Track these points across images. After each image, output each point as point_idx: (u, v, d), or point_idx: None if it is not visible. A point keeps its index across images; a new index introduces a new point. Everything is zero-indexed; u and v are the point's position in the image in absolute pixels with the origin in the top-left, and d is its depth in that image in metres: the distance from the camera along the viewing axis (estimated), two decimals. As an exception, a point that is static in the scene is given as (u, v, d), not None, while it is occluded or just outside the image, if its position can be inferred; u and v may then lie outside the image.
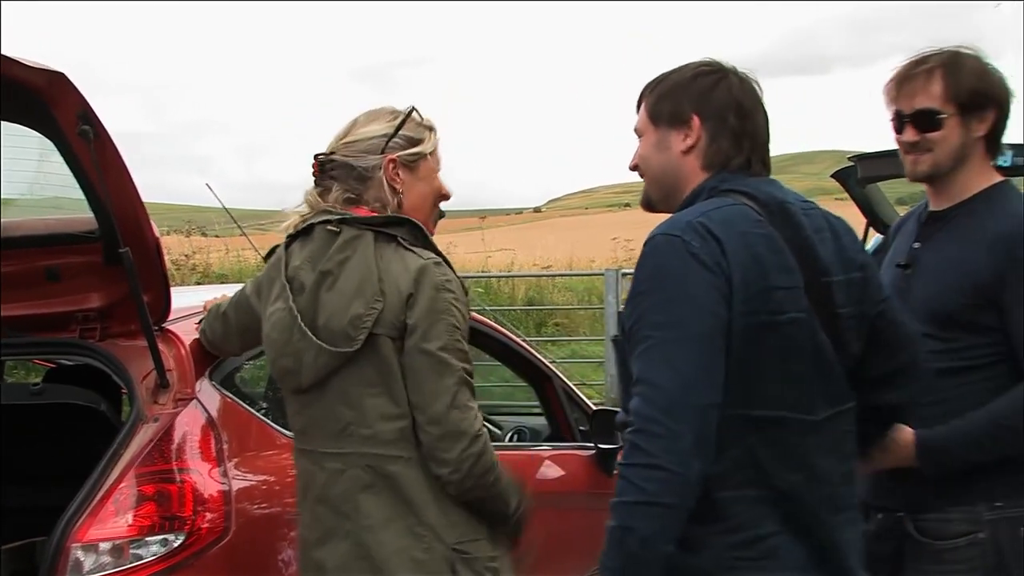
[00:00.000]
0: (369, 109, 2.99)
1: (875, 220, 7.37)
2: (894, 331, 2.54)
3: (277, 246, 2.98)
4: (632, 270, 2.44)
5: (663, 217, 2.50)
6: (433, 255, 2.84)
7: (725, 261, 2.26)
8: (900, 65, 2.91)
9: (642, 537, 2.18)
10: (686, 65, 2.59)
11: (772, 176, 2.60)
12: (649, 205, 2.64)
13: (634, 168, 2.64)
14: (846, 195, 7.09)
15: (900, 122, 2.91)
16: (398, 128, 2.91)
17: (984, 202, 2.86)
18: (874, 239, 7.67)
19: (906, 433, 2.78)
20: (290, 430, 2.98)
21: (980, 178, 2.90)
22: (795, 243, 2.36)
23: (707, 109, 2.50)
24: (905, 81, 2.88)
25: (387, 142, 2.89)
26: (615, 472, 3.54)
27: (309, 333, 2.77)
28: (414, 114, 2.96)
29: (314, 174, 2.94)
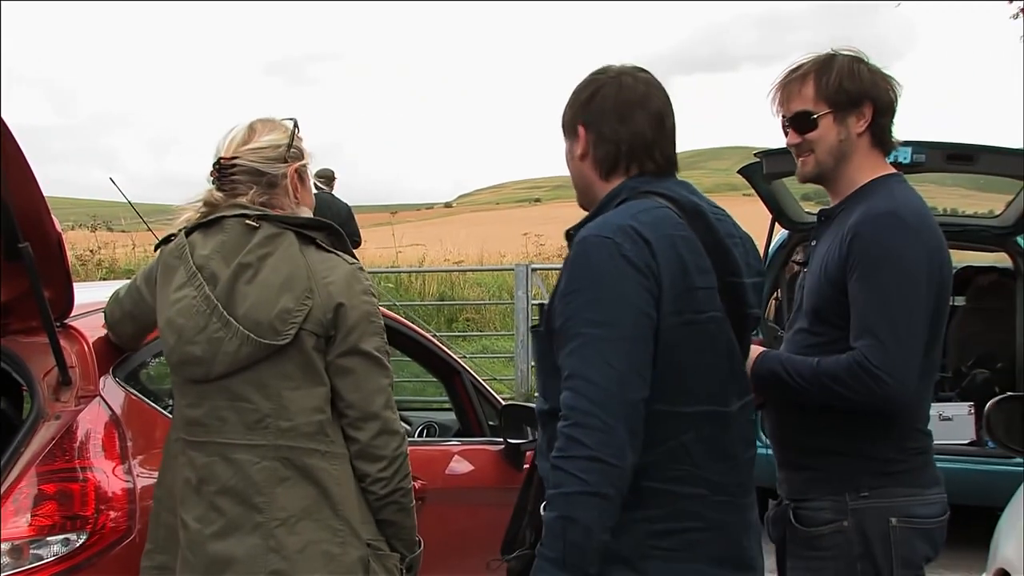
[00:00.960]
0: (259, 118, 3.02)
1: (781, 215, 7.50)
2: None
3: (171, 235, 2.98)
4: (542, 265, 2.53)
5: (571, 213, 2.58)
6: (355, 260, 2.93)
7: (655, 263, 2.37)
8: (781, 74, 3.04)
9: (584, 526, 2.28)
10: (592, 74, 2.70)
11: (681, 171, 2.70)
12: (581, 207, 2.72)
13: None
14: (753, 191, 7.18)
15: (784, 127, 3.03)
16: (291, 139, 2.97)
17: (860, 197, 2.94)
18: (779, 234, 7.79)
19: (755, 347, 2.93)
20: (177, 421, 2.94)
21: (865, 173, 2.98)
22: (710, 245, 2.49)
23: (588, 118, 2.62)
24: (784, 88, 3.01)
25: (288, 151, 2.96)
26: (525, 466, 3.55)
27: (233, 322, 2.77)
28: (296, 128, 3.02)
29: (213, 178, 2.95)
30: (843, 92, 2.91)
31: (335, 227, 2.97)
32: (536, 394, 2.70)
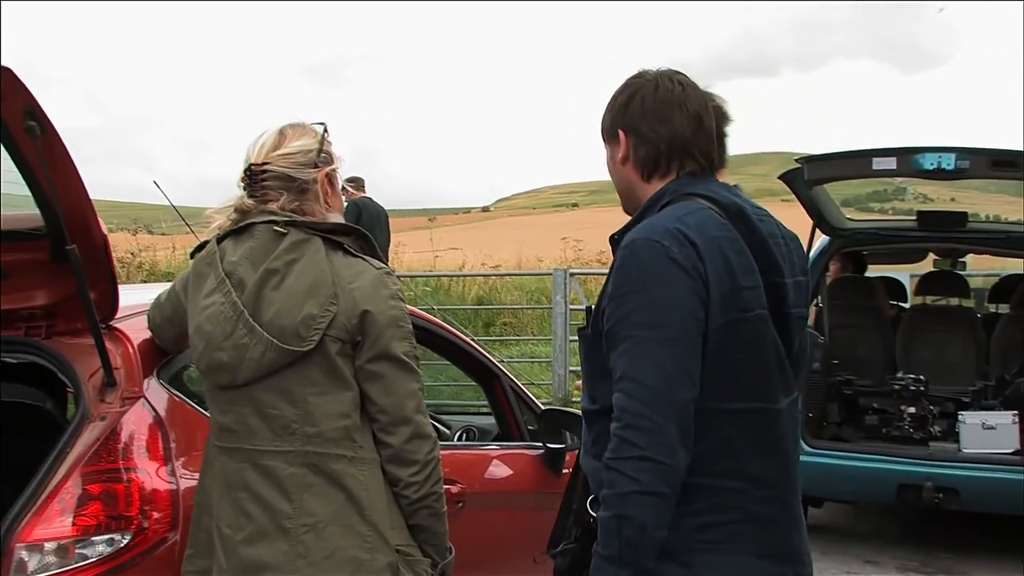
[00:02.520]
0: (288, 123, 3.02)
1: (821, 221, 7.47)
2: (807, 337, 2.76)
3: (205, 242, 2.99)
4: (580, 270, 2.58)
5: (608, 218, 2.64)
6: (383, 265, 2.92)
7: (702, 265, 2.42)
8: None
9: (639, 524, 2.34)
10: (628, 79, 2.74)
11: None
12: (625, 211, 2.76)
13: None
14: (793, 196, 7.17)
15: None
16: (322, 143, 2.97)
17: None
18: (820, 240, 7.76)
19: None
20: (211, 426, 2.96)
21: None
22: (753, 245, 2.54)
23: (628, 121, 2.67)
24: None
25: (319, 156, 2.96)
26: (565, 471, 3.57)
27: (258, 328, 2.78)
28: (326, 132, 3.02)
29: (244, 184, 2.95)
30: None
31: (363, 232, 2.96)
32: (582, 394, 2.75)
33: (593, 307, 2.64)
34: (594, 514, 2.52)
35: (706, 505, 2.46)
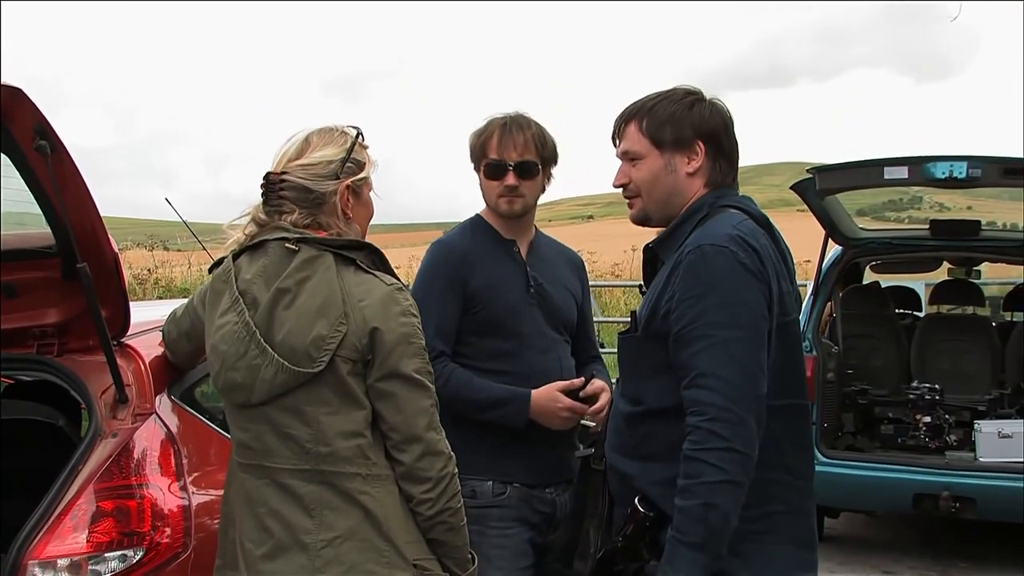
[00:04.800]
0: (319, 128, 2.97)
1: (834, 231, 7.46)
2: None
3: (223, 258, 2.97)
4: (595, 282, 2.71)
5: (623, 230, 2.77)
6: (395, 280, 2.88)
7: (764, 269, 2.64)
8: None
9: (724, 512, 2.51)
10: (674, 91, 2.90)
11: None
12: (645, 221, 2.94)
13: (622, 186, 2.94)
14: (807, 207, 7.15)
15: None
16: (350, 151, 2.91)
17: None
18: (833, 250, 7.74)
19: None
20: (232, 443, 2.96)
21: None
22: (781, 254, 2.77)
23: (707, 134, 2.84)
24: None
25: (343, 167, 2.90)
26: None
27: (269, 349, 2.77)
28: (360, 137, 2.97)
29: (263, 193, 2.91)
30: None
31: (375, 247, 2.92)
32: (617, 398, 2.91)
33: (638, 310, 2.82)
34: (642, 511, 2.67)
35: (755, 497, 2.59)
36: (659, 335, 2.69)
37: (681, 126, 2.83)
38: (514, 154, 3.72)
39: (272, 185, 2.89)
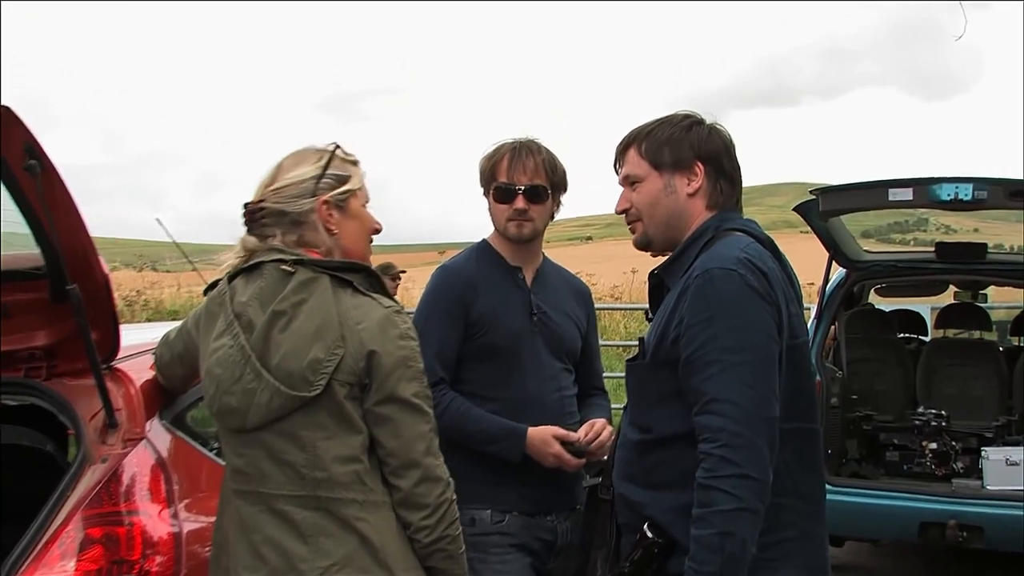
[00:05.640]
0: (292, 151, 3.01)
1: (837, 253, 7.46)
2: None
3: (218, 280, 2.98)
4: (597, 305, 2.73)
5: (623, 251, 2.81)
6: (392, 303, 2.90)
7: (773, 292, 2.66)
8: None
9: (741, 540, 2.53)
10: (672, 116, 2.95)
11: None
12: (647, 245, 2.98)
13: (624, 211, 2.98)
14: (810, 228, 7.16)
15: None
16: (325, 168, 2.93)
17: None
18: (837, 273, 7.75)
19: None
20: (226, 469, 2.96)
21: None
22: (787, 277, 2.80)
23: (707, 155, 2.88)
24: None
25: (317, 184, 2.92)
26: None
27: (265, 373, 2.77)
28: (338, 151, 2.98)
29: (245, 222, 2.95)
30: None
31: (371, 269, 2.94)
32: (624, 426, 2.92)
33: (646, 337, 2.84)
34: (651, 536, 2.68)
35: (767, 524, 2.59)
36: (668, 362, 2.71)
37: (679, 147, 2.88)
38: (524, 178, 3.80)
39: (252, 215, 2.92)
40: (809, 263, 8.02)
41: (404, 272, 11.06)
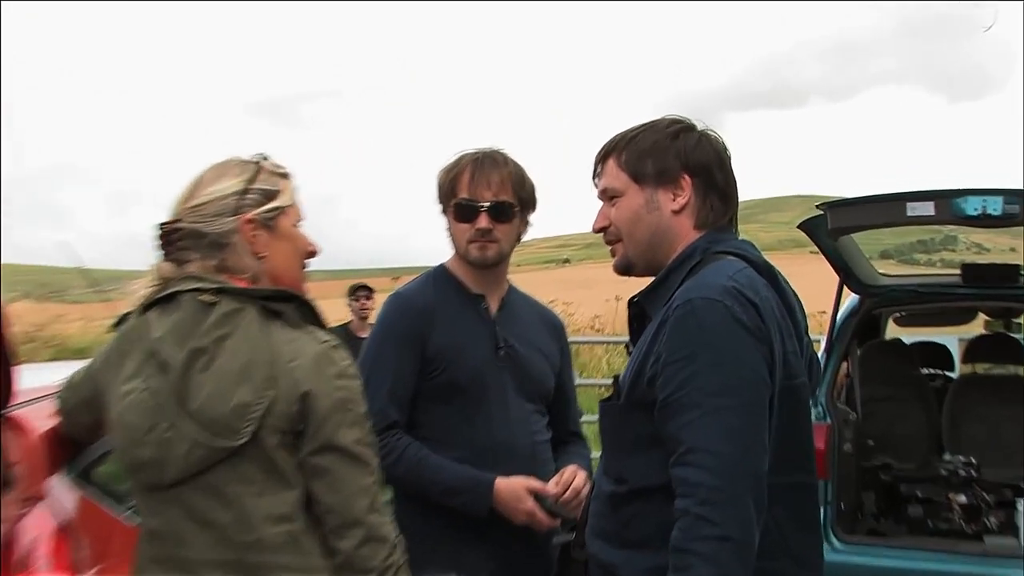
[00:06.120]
0: (214, 163, 3.00)
1: (849, 277, 7.46)
2: None
3: (128, 313, 2.97)
4: (574, 338, 2.71)
5: (605, 275, 2.81)
6: (329, 336, 2.89)
7: (764, 327, 2.63)
8: None
9: None
10: (658, 122, 2.94)
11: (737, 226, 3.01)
12: (628, 269, 2.97)
13: (602, 230, 2.98)
14: (818, 249, 7.18)
15: None
16: (250, 181, 2.93)
17: None
18: (849, 300, 7.76)
19: None
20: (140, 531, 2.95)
21: None
22: (786, 307, 2.77)
23: (695, 166, 2.86)
24: None
25: (240, 200, 2.91)
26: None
27: (183, 420, 2.77)
28: (265, 163, 2.98)
29: (160, 245, 2.93)
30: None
31: (305, 298, 2.93)
32: (599, 476, 2.92)
33: (622, 375, 2.82)
34: None
35: None
36: (644, 403, 2.69)
37: (664, 157, 2.87)
38: (488, 194, 3.81)
39: (166, 237, 2.91)
40: (820, 288, 8.04)
41: (371, 292, 11.01)
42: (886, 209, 6.62)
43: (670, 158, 2.87)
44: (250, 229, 2.91)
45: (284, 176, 3.02)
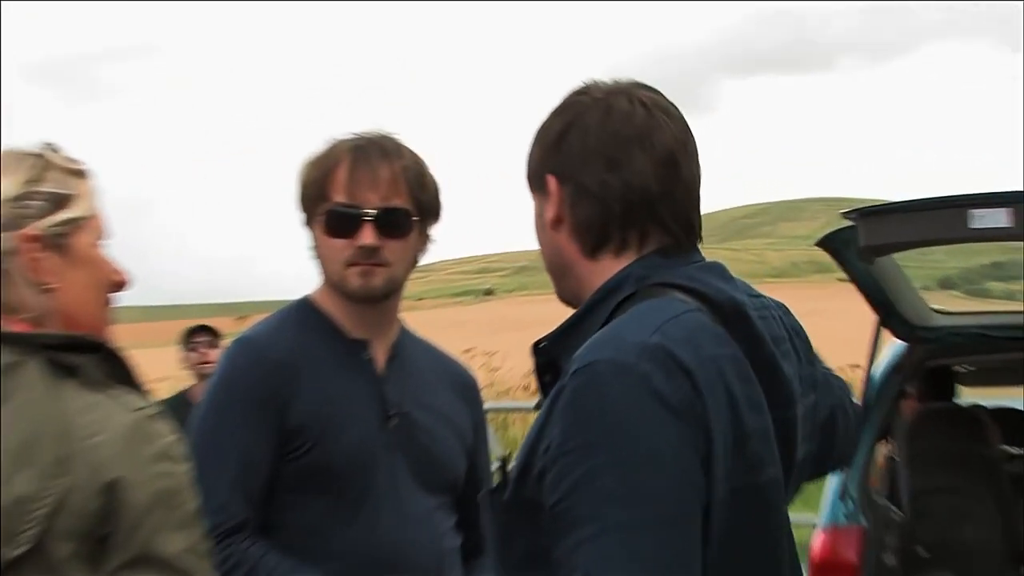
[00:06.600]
0: None
1: (890, 315, 7.38)
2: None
3: None
4: (497, 404, 2.63)
5: (541, 312, 2.77)
6: (145, 402, 2.85)
7: (700, 403, 2.43)
8: None
9: None
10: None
11: (731, 241, 2.85)
12: (567, 303, 2.83)
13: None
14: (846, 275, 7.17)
15: None
16: (33, 182, 2.89)
17: None
18: (892, 347, 7.73)
19: None
20: None
21: None
22: (758, 364, 2.59)
23: (561, 163, 2.73)
24: None
25: (18, 208, 2.86)
26: None
27: None
28: (54, 155, 2.96)
29: None
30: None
31: (112, 348, 2.88)
32: None
33: (511, 460, 2.67)
34: None
35: None
36: (534, 504, 2.51)
37: (534, 154, 2.82)
38: (374, 196, 3.75)
39: None
40: (853, 328, 8.03)
41: (216, 336, 10.89)
42: (940, 219, 6.51)
43: (537, 153, 2.81)
44: (32, 250, 2.87)
45: (79, 174, 2.99)
